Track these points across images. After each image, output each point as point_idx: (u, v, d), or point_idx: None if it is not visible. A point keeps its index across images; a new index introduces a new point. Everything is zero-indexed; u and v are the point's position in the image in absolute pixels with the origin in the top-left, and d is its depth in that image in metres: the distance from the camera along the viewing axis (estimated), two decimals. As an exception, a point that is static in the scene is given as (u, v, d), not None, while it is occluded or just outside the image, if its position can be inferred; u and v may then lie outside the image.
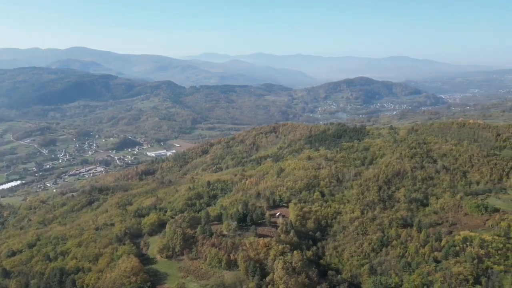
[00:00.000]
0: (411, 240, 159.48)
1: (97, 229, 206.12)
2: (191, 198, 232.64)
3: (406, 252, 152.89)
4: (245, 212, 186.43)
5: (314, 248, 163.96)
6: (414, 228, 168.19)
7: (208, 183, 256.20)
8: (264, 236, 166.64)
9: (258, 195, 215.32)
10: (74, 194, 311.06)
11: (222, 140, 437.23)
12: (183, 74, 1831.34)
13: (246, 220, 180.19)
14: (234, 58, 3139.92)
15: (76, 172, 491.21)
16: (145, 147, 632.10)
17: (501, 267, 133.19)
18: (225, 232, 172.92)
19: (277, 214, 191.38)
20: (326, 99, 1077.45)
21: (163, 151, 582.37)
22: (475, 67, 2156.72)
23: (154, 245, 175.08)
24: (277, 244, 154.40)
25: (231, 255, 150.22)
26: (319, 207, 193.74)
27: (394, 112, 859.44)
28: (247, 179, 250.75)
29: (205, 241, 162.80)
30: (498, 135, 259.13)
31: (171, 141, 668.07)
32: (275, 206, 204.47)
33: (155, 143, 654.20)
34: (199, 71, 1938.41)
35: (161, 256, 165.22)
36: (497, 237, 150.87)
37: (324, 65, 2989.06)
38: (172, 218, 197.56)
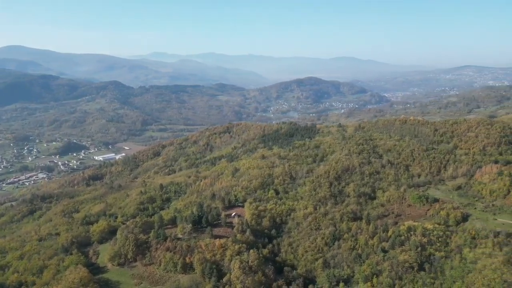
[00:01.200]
0: (361, 233, 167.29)
1: (40, 240, 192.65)
2: (143, 202, 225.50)
3: (356, 244, 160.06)
4: (200, 213, 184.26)
5: (270, 245, 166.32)
6: (363, 220, 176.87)
7: (161, 186, 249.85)
8: (220, 237, 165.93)
9: (213, 196, 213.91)
10: (13, 203, 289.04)
11: (174, 141, 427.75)
12: (131, 74, 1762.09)
13: (202, 222, 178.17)
14: (185, 57, 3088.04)
15: (15, 179, 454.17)
16: (91, 151, 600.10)
17: (442, 253, 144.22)
18: (180, 235, 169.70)
19: (233, 214, 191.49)
20: (278, 99, 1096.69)
21: (111, 155, 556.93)
22: (414, 67, 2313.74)
23: (104, 253, 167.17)
24: (233, 244, 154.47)
25: (187, 258, 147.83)
26: (274, 205, 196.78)
27: (342, 111, 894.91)
28: (201, 180, 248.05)
29: (159, 245, 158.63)
30: (436, 130, 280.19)
31: (120, 144, 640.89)
32: (230, 206, 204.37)
33: (102, 147, 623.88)
34: (148, 71, 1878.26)
35: (113, 264, 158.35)
36: (437, 225, 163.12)
37: (276, 65, 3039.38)
38: (124, 224, 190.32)
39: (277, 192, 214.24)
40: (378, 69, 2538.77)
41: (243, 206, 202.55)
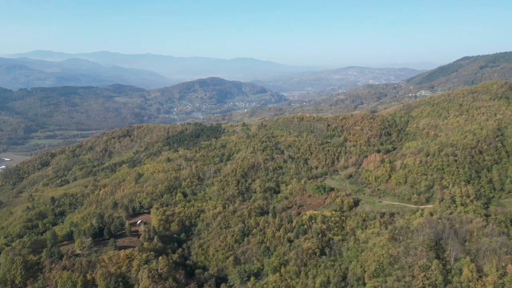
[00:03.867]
0: (268, 226, 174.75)
1: None
2: (31, 219, 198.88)
3: (265, 238, 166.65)
4: (101, 225, 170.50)
5: (180, 250, 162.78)
6: (270, 214, 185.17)
7: (53, 199, 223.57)
8: (125, 247, 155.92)
9: (115, 204, 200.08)
10: None
11: (66, 148, 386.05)
12: (8, 75, 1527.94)
13: (103, 234, 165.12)
14: (74, 56, 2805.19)
15: None
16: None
17: (339, 237, 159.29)
18: (78, 251, 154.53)
19: (139, 222, 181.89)
20: (181, 99, 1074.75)
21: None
22: (307, 68, 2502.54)
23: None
24: (140, 253, 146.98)
25: (88, 275, 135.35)
26: (182, 208, 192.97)
27: (245, 110, 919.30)
28: (100, 189, 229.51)
29: (53, 265, 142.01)
30: (328, 125, 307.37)
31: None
32: (135, 214, 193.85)
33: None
34: (30, 71, 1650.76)
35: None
36: (334, 212, 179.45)
37: (176, 65, 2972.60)
38: (8, 245, 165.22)
39: (185, 195, 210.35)
40: (276, 69, 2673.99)
41: (149, 213, 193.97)
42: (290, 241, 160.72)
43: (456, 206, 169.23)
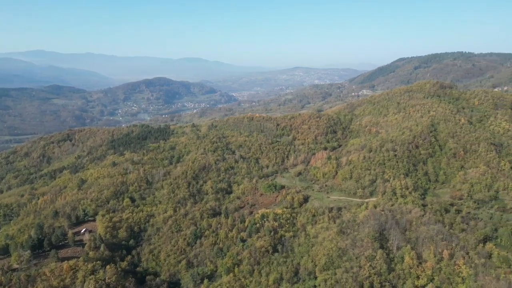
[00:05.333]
0: (221, 227, 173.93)
1: None
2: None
3: (217, 239, 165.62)
4: (40, 236, 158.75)
5: (129, 257, 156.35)
6: (222, 215, 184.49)
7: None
8: (68, 258, 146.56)
9: (56, 213, 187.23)
10: None
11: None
12: None
13: (44, 246, 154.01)
14: (6, 56, 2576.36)
15: None
16: None
17: (290, 233, 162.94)
18: (15, 266, 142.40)
19: (83, 230, 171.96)
20: (126, 101, 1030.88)
21: None
22: (255, 68, 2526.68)
23: None
24: (86, 263, 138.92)
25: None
26: (130, 214, 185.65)
27: (195, 111, 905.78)
28: (39, 198, 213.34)
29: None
30: (278, 125, 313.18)
31: None
32: (79, 222, 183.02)
33: None
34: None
35: None
36: (285, 209, 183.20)
37: (120, 65, 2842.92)
38: None
39: (133, 200, 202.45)
40: (225, 69, 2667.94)
41: (94, 220, 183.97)
42: (243, 240, 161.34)
43: (397, 198, 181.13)
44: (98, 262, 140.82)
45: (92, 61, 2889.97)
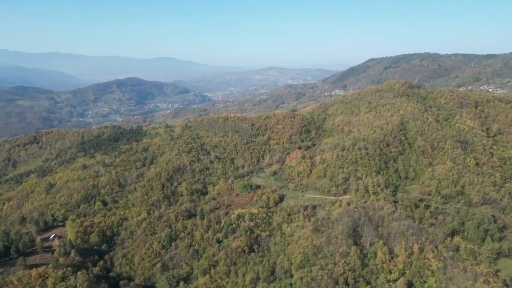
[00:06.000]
0: (196, 229, 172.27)
1: None
2: None
3: (193, 241, 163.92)
4: (6, 243, 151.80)
5: (102, 262, 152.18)
6: (198, 216, 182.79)
7: None
8: (37, 265, 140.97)
9: (23, 219, 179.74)
10: None
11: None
12: None
13: (10, 253, 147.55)
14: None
15: None
16: None
17: (266, 233, 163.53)
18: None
19: (52, 236, 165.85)
20: (96, 101, 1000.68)
21: None
22: (229, 68, 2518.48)
23: None
24: (56, 270, 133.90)
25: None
26: (102, 218, 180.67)
27: (168, 111, 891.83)
28: (4, 204, 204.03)
29: None
30: (253, 125, 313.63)
31: None
32: (48, 228, 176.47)
33: None
34: None
35: None
36: (261, 209, 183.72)
37: (89, 65, 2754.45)
38: None
39: (105, 203, 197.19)
40: (198, 69, 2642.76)
41: (64, 225, 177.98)
42: (219, 241, 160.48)
43: (369, 195, 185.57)
44: (69, 268, 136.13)
45: (60, 61, 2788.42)
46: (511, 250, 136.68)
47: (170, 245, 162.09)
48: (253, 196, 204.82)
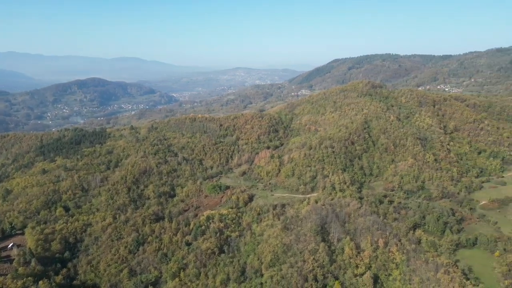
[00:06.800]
0: (164, 232, 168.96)
1: None
2: None
3: (161, 244, 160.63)
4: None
5: (65, 270, 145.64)
6: (166, 219, 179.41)
7: None
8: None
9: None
10: None
11: None
12: None
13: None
14: None
15: None
16: None
17: (236, 233, 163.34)
18: None
19: (10, 245, 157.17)
20: (56, 103, 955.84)
21: None
22: (196, 68, 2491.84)
23: None
24: (15, 280, 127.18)
25: None
26: (64, 224, 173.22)
27: (133, 112, 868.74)
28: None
29: None
30: (221, 125, 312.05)
31: None
32: (5, 236, 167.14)
33: None
34: None
35: None
36: (231, 210, 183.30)
37: (47, 65, 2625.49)
38: None
39: (67, 209, 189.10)
40: (164, 69, 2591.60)
41: (23, 233, 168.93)
42: (188, 244, 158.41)
43: (336, 192, 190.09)
44: (29, 278, 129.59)
45: (15, 61, 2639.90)
46: (469, 241, 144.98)
47: (138, 250, 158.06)
48: (222, 197, 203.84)
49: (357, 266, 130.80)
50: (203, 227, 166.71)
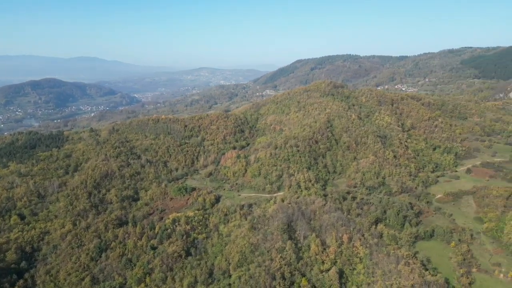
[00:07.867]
0: (128, 237, 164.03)
1: None
2: None
3: (126, 249, 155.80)
4: None
5: (21, 281, 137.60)
6: (130, 224, 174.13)
7: None
8: None
9: None
10: None
11: None
12: None
13: None
14: None
15: None
16: None
17: (203, 235, 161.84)
18: None
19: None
20: (8, 105, 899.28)
21: None
22: (159, 68, 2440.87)
23: None
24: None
25: None
26: (20, 233, 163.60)
27: (92, 114, 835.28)
28: None
29: None
30: (186, 126, 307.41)
31: None
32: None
33: None
34: None
35: None
36: (197, 211, 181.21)
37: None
38: None
39: (22, 217, 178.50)
40: (125, 70, 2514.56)
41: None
42: (153, 248, 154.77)
43: (302, 191, 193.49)
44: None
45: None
46: (426, 233, 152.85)
47: (100, 256, 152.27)
48: (188, 199, 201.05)
49: (323, 262, 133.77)
50: (169, 230, 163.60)
